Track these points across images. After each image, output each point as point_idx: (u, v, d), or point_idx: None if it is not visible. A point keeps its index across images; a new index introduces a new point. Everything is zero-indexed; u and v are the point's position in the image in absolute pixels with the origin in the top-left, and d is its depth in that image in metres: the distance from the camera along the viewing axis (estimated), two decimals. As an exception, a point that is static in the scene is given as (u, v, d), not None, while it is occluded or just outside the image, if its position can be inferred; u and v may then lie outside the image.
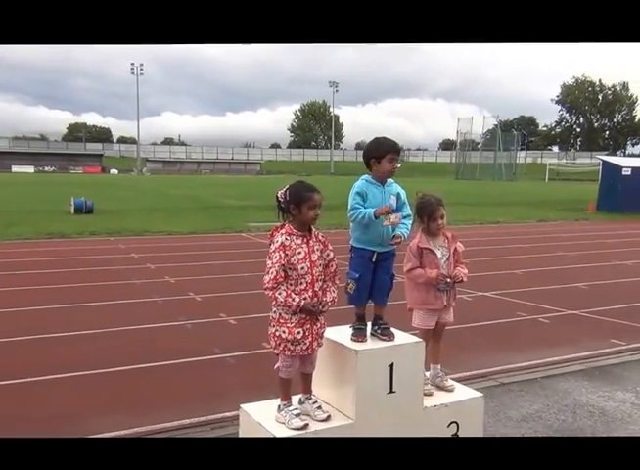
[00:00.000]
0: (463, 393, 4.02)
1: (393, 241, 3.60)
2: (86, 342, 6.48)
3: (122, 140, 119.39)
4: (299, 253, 3.35)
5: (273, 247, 3.35)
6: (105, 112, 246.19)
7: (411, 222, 3.72)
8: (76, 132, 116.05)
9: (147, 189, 38.98)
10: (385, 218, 3.51)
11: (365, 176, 3.69)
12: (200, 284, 9.43)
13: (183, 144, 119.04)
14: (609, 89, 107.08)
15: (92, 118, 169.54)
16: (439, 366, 4.06)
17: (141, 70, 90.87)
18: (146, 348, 6.29)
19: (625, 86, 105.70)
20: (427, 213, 3.89)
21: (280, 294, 3.31)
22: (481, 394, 4.07)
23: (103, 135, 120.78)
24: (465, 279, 3.91)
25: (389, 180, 3.69)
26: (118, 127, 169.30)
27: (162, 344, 6.42)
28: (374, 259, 3.64)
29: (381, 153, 3.62)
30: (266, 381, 4.22)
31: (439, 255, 3.88)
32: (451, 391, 3.97)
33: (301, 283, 3.36)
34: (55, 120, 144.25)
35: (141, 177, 70.50)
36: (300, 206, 3.35)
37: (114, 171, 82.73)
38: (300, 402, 3.55)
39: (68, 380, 5.36)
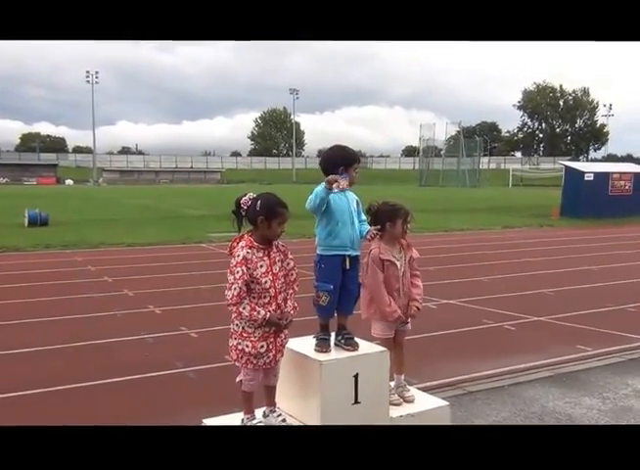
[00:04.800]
0: (429, 402, 3.98)
1: (369, 235, 3.62)
2: (41, 359, 6.21)
3: (78, 150, 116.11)
4: (261, 266, 3.25)
5: (234, 261, 3.23)
6: (58, 121, 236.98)
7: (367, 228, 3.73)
8: (30, 142, 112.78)
9: (104, 200, 38.21)
10: (335, 187, 3.46)
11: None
12: (160, 297, 9.19)
13: (141, 153, 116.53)
14: (570, 95, 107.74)
15: (45, 128, 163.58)
16: (403, 376, 4.00)
17: (96, 78, 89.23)
18: (105, 363, 6.07)
19: (586, 92, 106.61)
20: (402, 215, 3.84)
21: (244, 308, 3.21)
22: (448, 403, 4.03)
23: (57, 145, 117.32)
24: (420, 308, 3.90)
25: None
26: (73, 137, 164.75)
27: (122, 358, 6.21)
28: (347, 266, 3.58)
29: (349, 162, 3.66)
30: (229, 394, 4.08)
31: (398, 266, 3.83)
32: (411, 402, 3.90)
33: (265, 296, 3.27)
34: (6, 130, 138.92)
35: (97, 188, 69.13)
36: (271, 220, 3.26)
37: (69, 182, 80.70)
38: (264, 416, 3.47)
39: (22, 398, 5.12)
